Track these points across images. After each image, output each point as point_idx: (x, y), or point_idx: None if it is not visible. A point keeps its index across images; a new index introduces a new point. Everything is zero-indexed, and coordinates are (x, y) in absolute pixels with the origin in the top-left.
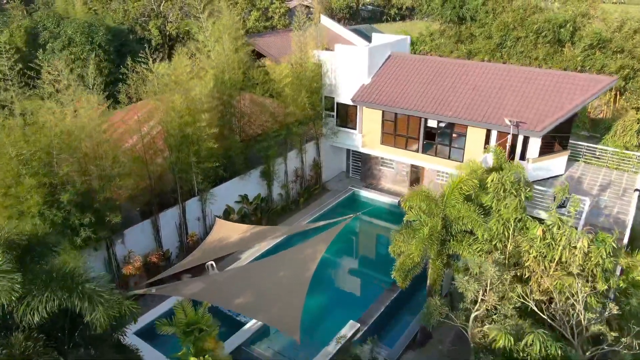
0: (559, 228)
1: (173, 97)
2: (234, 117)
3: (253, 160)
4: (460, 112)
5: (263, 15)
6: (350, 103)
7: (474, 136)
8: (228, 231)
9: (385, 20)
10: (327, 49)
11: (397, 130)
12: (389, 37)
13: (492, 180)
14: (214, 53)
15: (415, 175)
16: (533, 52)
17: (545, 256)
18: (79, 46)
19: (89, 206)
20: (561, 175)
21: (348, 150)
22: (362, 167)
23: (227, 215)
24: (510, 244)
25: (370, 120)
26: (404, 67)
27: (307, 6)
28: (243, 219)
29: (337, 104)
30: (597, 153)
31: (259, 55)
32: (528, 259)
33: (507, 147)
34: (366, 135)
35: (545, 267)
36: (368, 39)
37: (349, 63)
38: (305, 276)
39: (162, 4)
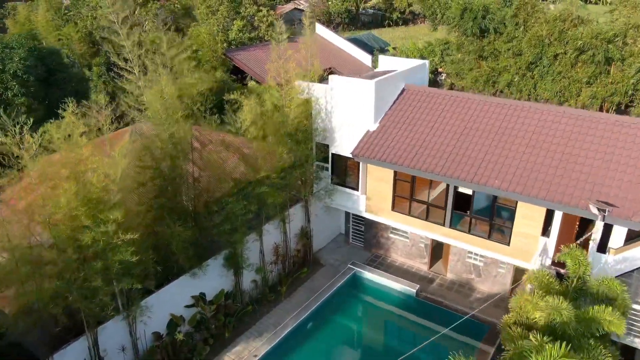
0: None
1: (50, 190)
2: (178, 192)
3: (212, 243)
4: (511, 184)
5: (248, 25)
6: (350, 155)
7: (528, 212)
8: None
9: (387, 24)
10: (329, 73)
11: (414, 193)
12: (400, 62)
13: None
14: (148, 92)
15: (438, 250)
16: (572, 72)
17: None
18: None
19: None
20: None
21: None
22: (366, 232)
23: (172, 328)
24: None
25: (377, 179)
26: (423, 106)
27: (302, 10)
28: (198, 328)
29: (333, 155)
30: None
31: (240, 73)
32: None
33: (576, 230)
34: (372, 198)
35: None
36: (369, 49)
37: (349, 101)
38: None
39: (137, 10)
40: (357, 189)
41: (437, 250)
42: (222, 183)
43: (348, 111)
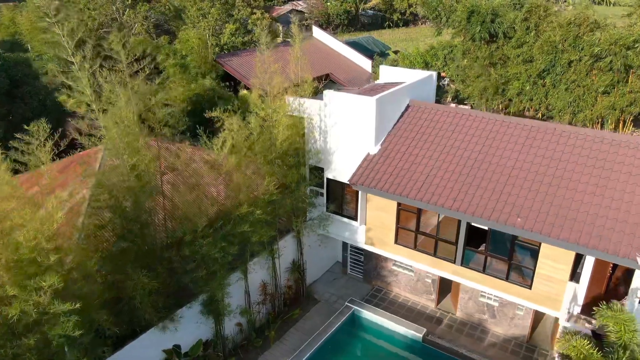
0: None
1: None
2: (143, 233)
3: (186, 290)
4: (536, 223)
5: (242, 28)
6: (348, 182)
7: (554, 253)
8: None
9: (388, 26)
10: (326, 79)
11: (420, 226)
12: (404, 73)
13: None
14: (103, 116)
15: (446, 284)
16: (587, 80)
17: None
18: None
19: None
20: None
21: None
22: (366, 263)
23: None
24: None
25: (378, 209)
26: (431, 126)
27: (300, 11)
28: None
29: (328, 180)
30: None
31: (233, 79)
32: None
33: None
34: (372, 229)
35: None
36: (369, 52)
37: (346, 119)
38: None
39: (125, 13)
40: (355, 219)
41: (446, 285)
42: (196, 219)
43: (345, 131)
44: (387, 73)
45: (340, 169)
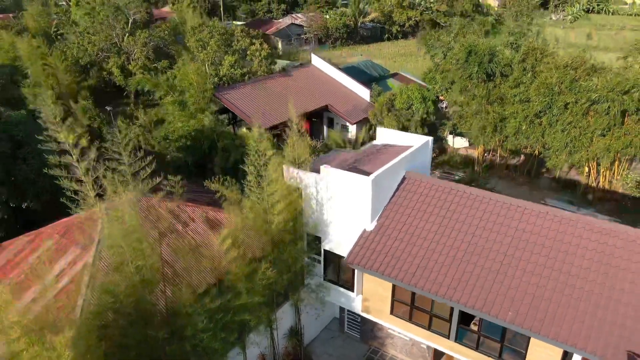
0: None
1: None
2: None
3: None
4: (527, 319)
5: (240, 61)
6: (344, 256)
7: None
8: None
9: (387, 38)
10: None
11: (415, 301)
12: (400, 137)
13: None
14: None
15: (441, 352)
16: (584, 122)
17: None
18: None
19: None
20: None
21: None
22: (363, 324)
23: None
24: None
25: (374, 281)
26: (426, 202)
27: (299, 25)
28: None
29: (325, 251)
30: None
31: (228, 113)
32: None
33: None
34: (369, 299)
35: None
36: (367, 77)
37: (343, 195)
38: None
39: (125, 38)
40: (352, 290)
41: (439, 354)
42: (196, 316)
43: (342, 205)
44: (385, 135)
45: (337, 241)
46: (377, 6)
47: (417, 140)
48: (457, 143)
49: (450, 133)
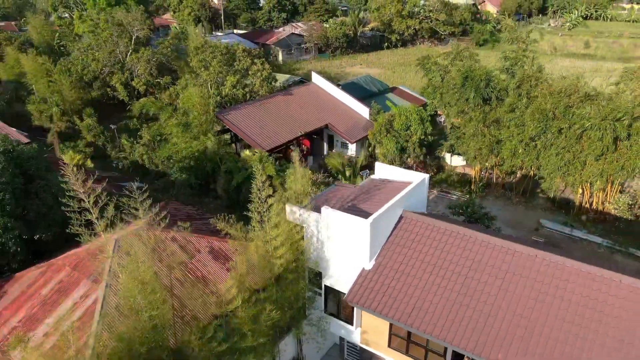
0: None
1: None
2: None
3: None
4: None
5: (242, 81)
6: (344, 292)
7: None
8: None
9: (387, 47)
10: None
11: (411, 336)
12: (397, 173)
13: None
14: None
15: None
16: (577, 146)
17: None
18: None
19: None
20: None
21: None
22: (362, 352)
23: None
24: None
25: (372, 317)
26: (422, 241)
27: (299, 35)
28: None
29: (326, 286)
30: None
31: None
32: None
33: None
34: (367, 332)
35: None
36: (367, 92)
37: (342, 235)
38: None
39: (128, 55)
40: (351, 323)
41: None
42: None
43: (341, 245)
44: (382, 170)
45: (337, 278)
46: (377, 15)
47: (414, 177)
48: (455, 161)
49: (448, 152)
